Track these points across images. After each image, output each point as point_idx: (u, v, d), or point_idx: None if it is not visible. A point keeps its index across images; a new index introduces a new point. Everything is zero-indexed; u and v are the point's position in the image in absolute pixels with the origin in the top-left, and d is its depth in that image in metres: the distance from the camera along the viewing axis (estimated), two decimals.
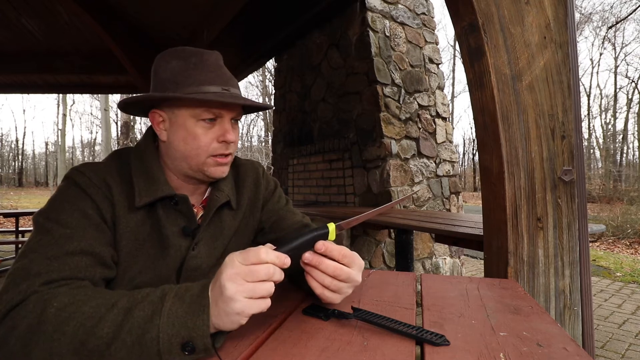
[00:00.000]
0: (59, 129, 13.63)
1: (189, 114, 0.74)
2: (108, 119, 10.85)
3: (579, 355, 0.54)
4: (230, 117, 0.77)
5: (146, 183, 0.75)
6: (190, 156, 0.76)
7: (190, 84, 0.72)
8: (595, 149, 23.95)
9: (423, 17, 3.95)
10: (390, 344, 0.58)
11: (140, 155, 0.79)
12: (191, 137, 0.74)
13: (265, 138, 22.87)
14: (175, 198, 0.77)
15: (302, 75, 4.44)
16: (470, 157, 30.88)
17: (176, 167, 0.79)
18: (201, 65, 0.74)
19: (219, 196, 0.83)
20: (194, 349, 0.52)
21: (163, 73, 0.75)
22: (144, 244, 0.74)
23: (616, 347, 2.51)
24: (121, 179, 0.75)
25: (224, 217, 0.86)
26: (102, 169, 0.74)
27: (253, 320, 0.68)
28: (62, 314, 0.53)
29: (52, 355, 0.51)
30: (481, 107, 1.22)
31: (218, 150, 0.76)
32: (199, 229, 0.80)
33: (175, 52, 0.76)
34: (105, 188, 0.72)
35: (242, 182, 0.92)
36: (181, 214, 0.78)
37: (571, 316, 1.22)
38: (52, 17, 3.79)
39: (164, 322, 0.52)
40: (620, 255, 5.81)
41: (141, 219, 0.74)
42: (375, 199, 3.42)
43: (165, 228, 0.76)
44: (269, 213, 0.96)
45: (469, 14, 1.18)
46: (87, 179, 0.71)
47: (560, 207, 1.21)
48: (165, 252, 0.76)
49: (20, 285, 0.57)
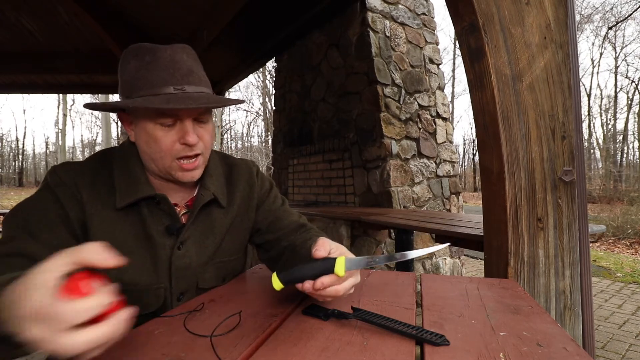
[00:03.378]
0: (59, 129, 13.64)
1: (146, 118, 0.72)
2: (108, 119, 10.86)
3: (579, 355, 0.54)
4: (191, 117, 0.73)
5: (127, 184, 0.75)
6: (155, 159, 0.74)
7: (142, 86, 0.70)
8: (595, 149, 23.97)
9: (423, 18, 3.95)
10: (390, 344, 0.58)
11: (123, 155, 0.79)
12: (152, 140, 0.73)
13: (265, 138, 22.88)
14: (156, 198, 0.77)
15: (302, 75, 4.44)
16: (471, 157, 30.88)
17: (149, 168, 0.78)
18: (154, 64, 0.71)
19: (203, 195, 0.82)
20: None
21: (123, 74, 0.74)
22: (124, 243, 0.74)
23: (616, 347, 2.51)
24: (97, 180, 0.75)
25: (213, 215, 0.85)
26: (77, 169, 0.75)
27: (253, 320, 0.68)
28: None
29: None
30: (481, 108, 1.22)
31: (182, 153, 0.74)
32: (184, 228, 0.80)
33: (134, 50, 0.74)
34: (74, 188, 0.73)
35: (234, 181, 0.91)
36: (165, 213, 0.78)
37: (571, 316, 1.22)
38: (52, 17, 3.79)
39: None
40: (620, 255, 5.81)
41: (120, 218, 0.74)
42: (375, 199, 3.42)
43: (150, 227, 0.76)
44: (265, 213, 0.95)
45: (469, 14, 1.18)
46: (58, 178, 0.73)
47: (560, 208, 1.21)
48: (152, 252, 0.76)
49: None
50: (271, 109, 18.38)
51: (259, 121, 28.29)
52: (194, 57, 0.77)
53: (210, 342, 0.59)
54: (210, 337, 0.60)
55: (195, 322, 0.67)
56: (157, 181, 0.80)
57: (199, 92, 0.73)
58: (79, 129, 53.19)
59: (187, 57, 0.75)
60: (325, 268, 0.62)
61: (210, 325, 0.65)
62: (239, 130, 33.62)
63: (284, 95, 4.85)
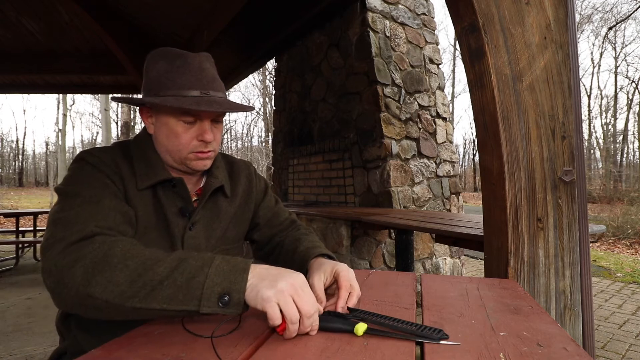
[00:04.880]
0: (59, 129, 13.64)
1: (170, 115, 0.80)
2: (108, 119, 10.86)
3: (579, 355, 0.54)
4: (210, 119, 0.82)
5: (147, 168, 0.83)
6: (172, 151, 0.82)
7: (171, 87, 0.78)
8: (595, 149, 23.96)
9: (423, 18, 3.95)
10: (390, 344, 0.58)
11: (139, 145, 0.86)
12: (173, 135, 0.81)
13: (265, 138, 22.86)
14: (173, 181, 0.84)
15: (302, 75, 4.44)
16: (471, 157, 30.87)
17: (164, 158, 0.86)
18: (183, 68, 0.79)
19: (213, 181, 0.90)
20: (228, 302, 0.59)
21: (151, 72, 0.81)
22: (148, 220, 0.81)
23: (616, 347, 2.51)
24: (125, 162, 0.82)
25: (219, 202, 0.93)
26: (110, 151, 0.82)
27: (253, 320, 0.68)
28: (127, 253, 0.62)
29: (109, 282, 0.59)
30: (481, 108, 1.22)
31: (198, 148, 0.82)
32: (195, 210, 0.87)
33: (163, 52, 0.82)
34: (115, 166, 0.79)
35: (236, 175, 1.00)
36: (179, 195, 0.85)
37: (571, 316, 1.22)
38: (52, 17, 3.80)
39: (212, 271, 0.60)
40: (620, 255, 5.81)
41: (145, 199, 0.82)
42: (376, 199, 3.42)
43: (165, 208, 0.83)
44: (264, 210, 1.05)
45: (469, 14, 1.18)
46: (98, 159, 0.78)
47: (560, 208, 1.21)
48: (167, 230, 0.83)
49: (75, 226, 0.65)
50: (271, 109, 18.37)
51: (259, 121, 28.29)
52: (214, 66, 0.86)
53: (210, 342, 0.59)
54: (211, 338, 0.60)
55: (195, 322, 0.67)
56: (171, 170, 0.87)
57: (221, 97, 0.82)
58: (79, 129, 53.16)
59: (210, 66, 0.84)
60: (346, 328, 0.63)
61: (210, 326, 0.65)
62: (239, 130, 33.62)
63: (284, 95, 4.85)
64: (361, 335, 0.61)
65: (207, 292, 0.58)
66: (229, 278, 0.60)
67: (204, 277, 0.59)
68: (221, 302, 0.59)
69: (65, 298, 0.61)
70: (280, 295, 0.58)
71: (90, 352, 0.57)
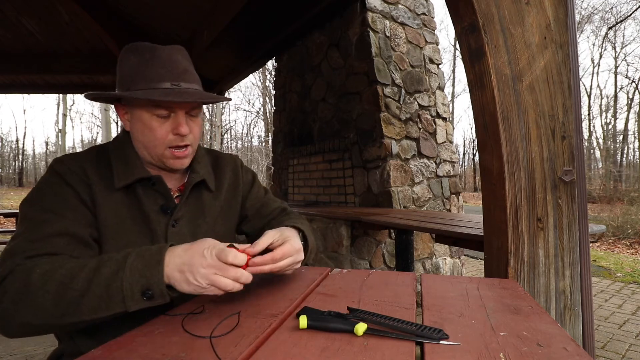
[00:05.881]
0: (59, 129, 13.64)
1: (143, 109, 0.79)
2: (108, 119, 10.86)
3: (579, 355, 0.54)
4: (184, 111, 0.81)
5: (124, 167, 0.82)
6: (149, 147, 0.82)
7: (141, 80, 0.77)
8: (595, 149, 23.96)
9: (423, 18, 3.95)
10: (390, 344, 0.58)
11: (118, 145, 0.86)
12: (148, 130, 0.80)
13: (265, 138, 22.86)
14: (152, 179, 0.83)
15: (302, 75, 4.44)
16: (471, 157, 30.87)
17: (142, 156, 0.85)
18: (153, 61, 0.78)
19: (194, 177, 0.89)
20: (152, 295, 0.63)
21: (123, 69, 0.81)
22: (125, 220, 0.81)
23: (616, 347, 2.51)
24: (99, 164, 0.82)
25: (203, 197, 0.92)
26: (80, 157, 0.82)
27: (253, 320, 0.68)
28: (44, 276, 0.64)
29: (37, 309, 0.62)
30: (481, 108, 1.22)
31: (173, 142, 0.81)
32: (177, 207, 0.86)
33: (133, 47, 0.81)
34: (82, 173, 0.79)
35: (221, 169, 0.99)
36: (159, 193, 0.85)
37: (571, 316, 1.22)
38: (52, 17, 3.80)
39: (127, 274, 0.63)
40: (620, 255, 5.81)
41: (121, 199, 0.81)
42: (376, 199, 3.42)
43: (145, 206, 0.83)
44: (252, 201, 1.04)
45: (469, 14, 1.18)
46: (65, 167, 0.79)
47: (560, 208, 1.21)
48: (149, 228, 0.83)
49: (6, 263, 0.67)
50: (271, 109, 18.37)
51: (259, 121, 28.29)
52: (188, 58, 0.85)
53: (210, 342, 0.59)
54: (210, 338, 0.60)
55: (194, 322, 0.67)
56: (151, 168, 0.87)
57: (192, 89, 0.81)
58: (79, 129, 53.19)
59: (182, 57, 0.82)
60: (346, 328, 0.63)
61: (209, 326, 0.65)
62: (239, 130, 33.62)
63: (284, 95, 4.85)
64: (361, 335, 0.61)
65: (127, 294, 0.62)
66: (144, 275, 0.63)
67: (120, 282, 0.62)
68: (145, 297, 0.63)
69: (7, 329, 0.64)
70: (199, 290, 0.64)
71: (90, 352, 0.57)
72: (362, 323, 0.62)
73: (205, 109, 23.57)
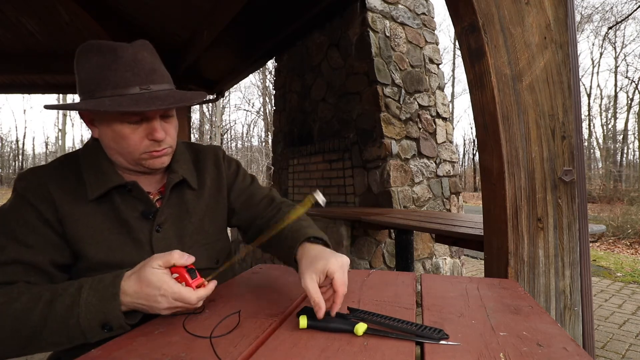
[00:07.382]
0: (59, 129, 13.62)
1: (112, 117, 0.73)
2: None
3: (579, 355, 0.54)
4: (158, 114, 0.75)
5: (96, 177, 0.77)
6: (124, 153, 0.76)
7: (106, 86, 0.70)
8: (595, 149, 23.95)
9: (423, 17, 3.95)
10: (390, 344, 0.58)
11: (88, 153, 0.81)
12: (120, 138, 0.74)
13: (265, 138, 22.86)
14: (127, 186, 0.78)
15: (302, 75, 4.44)
16: (470, 157, 30.86)
17: (116, 162, 0.79)
18: (117, 63, 0.70)
19: (173, 177, 0.84)
20: (112, 328, 0.63)
21: (82, 72, 0.73)
22: (102, 231, 0.76)
23: (616, 347, 2.51)
24: (65, 177, 0.77)
25: (186, 197, 0.87)
26: (43, 172, 0.77)
27: (253, 320, 0.68)
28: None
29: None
30: (481, 108, 1.22)
31: (150, 148, 0.76)
32: (159, 211, 0.81)
33: (94, 47, 0.73)
34: (43, 189, 0.74)
35: (202, 164, 0.93)
36: (137, 199, 0.80)
37: (571, 316, 1.22)
38: (52, 17, 3.79)
39: (82, 310, 0.62)
40: (620, 255, 5.80)
41: (93, 210, 0.76)
42: (376, 199, 3.42)
43: (125, 214, 0.78)
44: (237, 192, 0.98)
45: (469, 14, 1.18)
46: (26, 183, 0.75)
47: (560, 208, 1.21)
48: (131, 236, 0.78)
49: None
50: (271, 109, 18.36)
51: (259, 121, 28.29)
52: (154, 53, 0.77)
53: (210, 342, 0.59)
54: (210, 338, 0.60)
55: (194, 322, 0.67)
56: (126, 173, 0.82)
57: (164, 90, 0.74)
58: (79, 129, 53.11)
59: (148, 54, 0.75)
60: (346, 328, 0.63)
61: (209, 326, 0.65)
62: (239, 130, 33.62)
63: (284, 95, 4.84)
64: (361, 335, 0.61)
65: (86, 329, 0.62)
66: (101, 310, 0.62)
67: (76, 318, 0.62)
68: (106, 329, 0.63)
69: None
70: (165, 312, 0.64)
71: (90, 352, 0.57)
72: (362, 323, 0.62)
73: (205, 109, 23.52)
